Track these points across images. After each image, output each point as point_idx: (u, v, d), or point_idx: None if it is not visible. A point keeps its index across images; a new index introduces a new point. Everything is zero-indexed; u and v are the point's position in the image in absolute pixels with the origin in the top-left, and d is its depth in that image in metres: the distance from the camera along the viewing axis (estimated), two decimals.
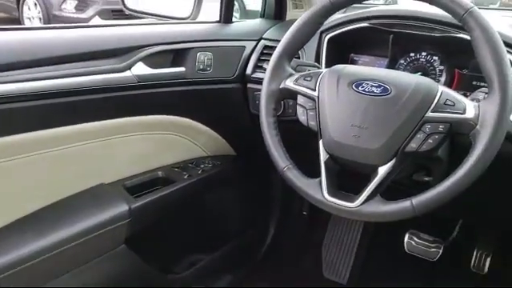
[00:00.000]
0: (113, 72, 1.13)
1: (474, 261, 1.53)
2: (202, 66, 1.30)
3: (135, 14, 1.44)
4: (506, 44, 0.84)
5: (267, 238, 1.81)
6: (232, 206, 1.65)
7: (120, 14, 4.60)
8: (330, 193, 0.89)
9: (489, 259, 1.52)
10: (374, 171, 0.86)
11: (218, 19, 1.45)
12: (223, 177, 1.49)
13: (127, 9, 1.40)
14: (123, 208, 1.16)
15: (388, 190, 0.88)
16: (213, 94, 1.36)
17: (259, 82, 1.09)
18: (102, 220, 1.11)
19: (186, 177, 1.35)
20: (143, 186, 1.28)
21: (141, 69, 1.19)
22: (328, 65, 1.11)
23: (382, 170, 0.85)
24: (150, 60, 1.20)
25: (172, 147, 1.38)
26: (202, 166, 1.42)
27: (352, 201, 0.87)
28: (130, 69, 1.16)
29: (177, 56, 1.28)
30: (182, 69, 1.28)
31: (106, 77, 1.11)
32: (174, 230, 1.39)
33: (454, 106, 0.83)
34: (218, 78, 1.34)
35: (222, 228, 1.62)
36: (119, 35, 1.23)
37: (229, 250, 1.64)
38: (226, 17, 1.44)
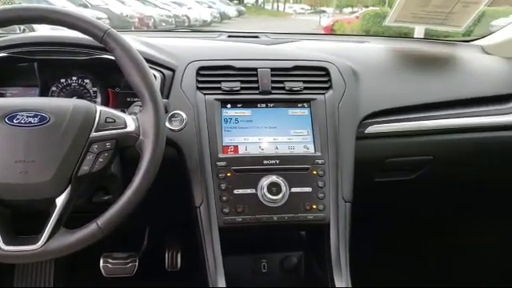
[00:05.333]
0: None
1: (168, 261, 1.64)
2: None
3: None
4: (147, 60, 0.93)
5: None
6: None
7: None
8: (6, 241, 0.79)
9: (179, 256, 1.66)
10: (52, 204, 0.82)
11: None
12: None
13: None
14: None
15: (74, 221, 0.85)
16: None
17: None
18: None
19: None
20: None
21: None
22: None
23: (60, 201, 0.82)
24: None
25: None
26: None
27: (35, 242, 0.80)
28: None
29: None
30: None
31: None
32: None
33: (115, 122, 0.87)
34: None
35: None
36: None
37: None
38: None
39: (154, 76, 1.02)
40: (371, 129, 1.18)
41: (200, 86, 1.10)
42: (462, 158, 1.30)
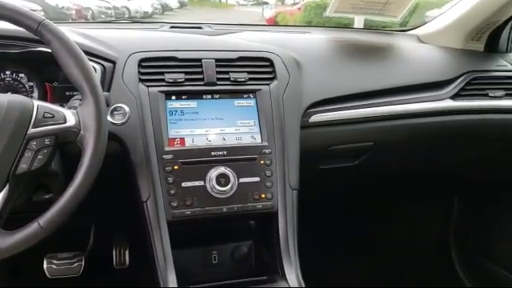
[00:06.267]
0: None
1: (115, 258, 1.61)
2: None
3: None
4: (86, 52, 0.90)
5: None
6: None
7: None
8: None
9: (127, 252, 1.63)
10: None
11: None
12: None
13: None
14: None
15: (13, 222, 0.81)
16: None
17: None
18: None
19: None
20: None
21: None
22: None
23: None
24: None
25: None
26: None
27: None
28: None
29: None
30: None
31: None
32: None
33: (53, 117, 0.83)
34: None
35: None
36: None
37: None
38: None
39: (94, 68, 0.99)
40: (315, 118, 1.21)
41: (142, 77, 1.08)
42: (401, 143, 1.36)
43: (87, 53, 0.95)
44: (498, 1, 1.40)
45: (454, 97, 1.37)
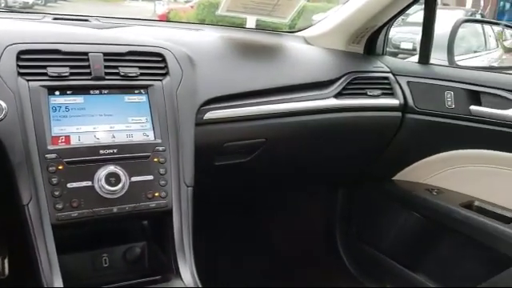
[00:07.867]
0: None
1: None
2: None
3: None
4: None
5: None
6: None
7: None
8: None
9: (6, 261, 1.50)
10: None
11: None
12: None
13: None
14: None
15: None
16: None
17: None
18: None
19: None
20: None
21: None
22: None
23: None
24: None
25: None
26: None
27: None
28: None
29: None
30: None
31: None
32: None
33: None
34: None
35: None
36: None
37: None
38: None
39: None
40: (209, 115, 1.22)
41: (22, 71, 1.00)
42: (289, 139, 1.42)
43: None
44: (374, 8, 1.54)
45: (337, 95, 1.46)
